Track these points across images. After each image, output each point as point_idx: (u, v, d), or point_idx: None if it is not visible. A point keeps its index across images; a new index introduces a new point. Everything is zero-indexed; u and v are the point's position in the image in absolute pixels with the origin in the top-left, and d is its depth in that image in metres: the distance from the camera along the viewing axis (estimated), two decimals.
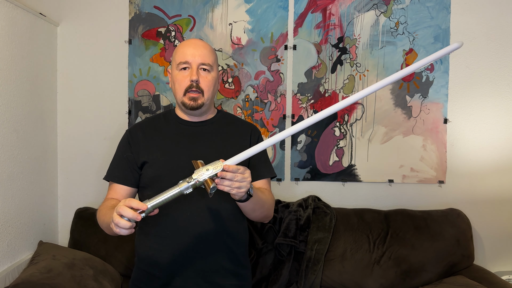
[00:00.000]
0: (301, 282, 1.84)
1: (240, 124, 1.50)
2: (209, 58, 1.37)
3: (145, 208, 0.99)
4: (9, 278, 1.70)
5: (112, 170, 1.40)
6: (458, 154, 2.13)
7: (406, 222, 1.95)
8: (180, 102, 1.37)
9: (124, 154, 1.39)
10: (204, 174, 1.02)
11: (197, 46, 1.36)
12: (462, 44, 1.04)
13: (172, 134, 1.40)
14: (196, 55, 1.34)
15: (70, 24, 2.13)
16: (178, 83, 1.35)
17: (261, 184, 1.42)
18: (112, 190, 1.38)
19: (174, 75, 1.37)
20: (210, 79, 1.37)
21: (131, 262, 1.91)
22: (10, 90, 1.76)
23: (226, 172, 1.04)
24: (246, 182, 1.09)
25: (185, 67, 1.34)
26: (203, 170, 1.03)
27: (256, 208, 1.28)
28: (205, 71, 1.36)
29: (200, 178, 1.02)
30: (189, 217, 1.30)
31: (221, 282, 1.34)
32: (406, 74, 1.05)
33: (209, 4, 2.11)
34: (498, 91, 2.10)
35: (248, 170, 1.11)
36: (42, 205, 2.02)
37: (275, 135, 1.08)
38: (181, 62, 1.34)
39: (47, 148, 2.07)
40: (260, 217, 1.37)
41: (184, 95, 1.34)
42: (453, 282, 1.74)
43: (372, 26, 2.11)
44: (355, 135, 2.13)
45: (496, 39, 2.09)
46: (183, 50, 1.35)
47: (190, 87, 1.33)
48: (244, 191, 1.11)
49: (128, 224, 0.98)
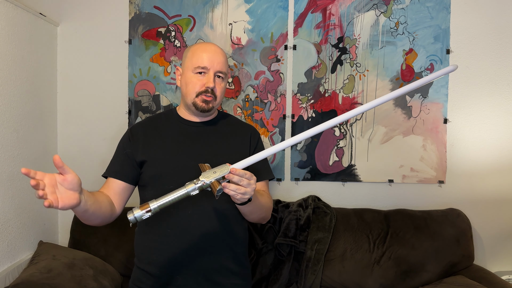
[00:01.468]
0: (301, 282, 1.84)
1: (240, 125, 1.51)
2: (225, 66, 1.40)
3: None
4: (9, 278, 1.70)
5: (110, 165, 1.40)
6: (458, 154, 2.13)
7: (406, 222, 1.95)
8: (190, 103, 1.38)
9: (124, 149, 1.39)
10: (211, 176, 1.04)
11: (216, 53, 1.38)
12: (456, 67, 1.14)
13: (173, 133, 1.41)
14: (214, 62, 1.36)
15: (70, 24, 2.13)
16: (192, 86, 1.36)
17: (259, 186, 1.43)
18: (105, 184, 1.36)
19: (188, 76, 1.38)
20: (223, 86, 1.41)
21: (131, 262, 1.90)
22: (10, 90, 1.76)
23: (233, 175, 1.06)
24: (251, 188, 1.10)
25: (202, 72, 1.36)
26: (210, 172, 1.05)
27: (254, 211, 1.29)
28: (219, 78, 1.39)
29: (207, 181, 1.04)
30: (189, 216, 1.31)
31: (222, 281, 1.34)
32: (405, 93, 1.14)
33: (209, 4, 2.11)
34: (498, 91, 2.10)
35: (254, 177, 1.12)
36: (42, 205, 2.02)
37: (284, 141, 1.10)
38: (199, 66, 1.35)
39: (47, 148, 2.07)
40: (257, 219, 1.38)
41: (196, 96, 1.36)
42: (453, 282, 1.74)
43: (372, 26, 2.11)
44: (355, 135, 2.13)
45: (496, 39, 2.09)
46: (201, 55, 1.36)
47: (205, 92, 1.35)
48: (248, 197, 1.12)
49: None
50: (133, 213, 1.02)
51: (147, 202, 1.03)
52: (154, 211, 1.02)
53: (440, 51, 2.10)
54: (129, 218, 1.02)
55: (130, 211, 1.03)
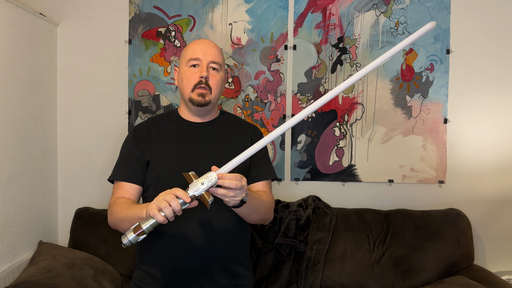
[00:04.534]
0: (301, 282, 1.84)
1: (243, 125, 1.50)
2: (219, 57, 1.39)
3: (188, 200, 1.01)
4: (9, 278, 1.70)
5: (120, 169, 1.38)
6: (458, 154, 2.13)
7: (406, 222, 1.95)
8: (187, 99, 1.37)
9: (131, 152, 1.38)
10: (199, 188, 1.00)
11: (208, 45, 1.38)
12: (434, 25, 1.03)
13: (175, 134, 1.40)
14: (207, 53, 1.36)
15: (70, 24, 2.13)
16: (187, 79, 1.36)
17: (261, 186, 1.41)
18: (121, 189, 1.35)
19: (183, 71, 1.38)
20: (219, 78, 1.39)
21: (131, 262, 1.91)
22: (10, 90, 1.76)
23: (223, 180, 1.03)
24: (241, 191, 1.07)
25: (195, 64, 1.36)
26: (198, 184, 1.01)
27: (251, 212, 1.27)
28: (214, 70, 1.38)
29: (197, 193, 1.01)
30: (191, 217, 1.30)
31: (223, 282, 1.34)
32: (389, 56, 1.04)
33: (209, 4, 2.11)
34: (498, 91, 2.10)
35: (244, 178, 1.09)
36: (42, 205, 2.02)
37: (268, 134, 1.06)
38: (192, 58, 1.35)
39: (47, 148, 2.07)
40: (257, 220, 1.36)
41: (192, 91, 1.35)
42: (453, 282, 1.74)
43: (372, 26, 2.11)
44: (355, 135, 2.13)
45: (496, 39, 2.09)
46: (194, 48, 1.37)
47: (199, 83, 1.34)
48: (239, 200, 1.09)
49: (179, 206, 1.00)
50: (127, 237, 1.01)
51: (139, 224, 1.02)
52: (148, 231, 1.01)
53: (440, 51, 2.10)
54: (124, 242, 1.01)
55: (123, 235, 1.03)
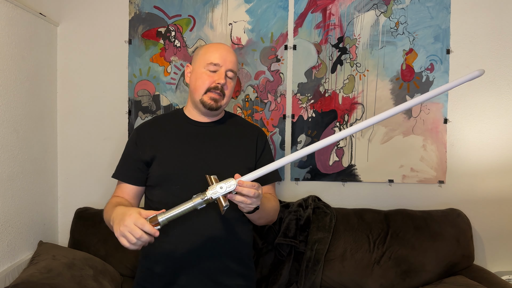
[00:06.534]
0: (301, 282, 1.84)
1: (248, 126, 1.53)
2: (236, 66, 1.42)
3: (156, 234, 1.04)
4: (9, 278, 1.70)
5: (120, 168, 1.43)
6: (458, 154, 2.13)
7: (406, 222, 1.95)
8: (198, 100, 1.38)
9: (132, 153, 1.41)
10: (218, 192, 1.05)
11: (229, 52, 1.40)
12: (483, 72, 1.10)
13: (180, 133, 1.41)
14: (227, 60, 1.37)
15: (70, 24, 2.13)
16: (202, 81, 1.37)
17: (266, 189, 1.44)
18: (119, 188, 1.41)
19: (199, 72, 1.38)
20: (232, 86, 1.42)
21: (131, 262, 1.90)
22: (10, 90, 1.76)
23: (242, 188, 1.06)
24: (257, 199, 1.11)
25: (215, 69, 1.37)
26: (217, 187, 1.05)
27: (261, 216, 1.32)
28: (230, 78, 1.40)
29: (214, 196, 1.04)
30: (196, 216, 1.31)
31: (226, 281, 1.35)
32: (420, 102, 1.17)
33: (209, 4, 2.11)
34: (498, 91, 2.10)
35: (261, 187, 1.13)
36: (42, 205, 2.02)
37: (296, 152, 1.10)
38: (212, 63, 1.36)
39: (47, 148, 2.07)
40: (265, 223, 1.41)
41: (205, 93, 1.36)
42: (453, 282, 1.74)
43: (372, 26, 2.11)
44: (355, 135, 2.13)
45: (496, 39, 2.09)
46: (215, 52, 1.38)
47: (215, 88, 1.36)
48: (254, 207, 1.13)
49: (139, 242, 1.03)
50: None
51: (155, 216, 1.05)
52: (163, 223, 1.05)
53: (440, 51, 2.10)
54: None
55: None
